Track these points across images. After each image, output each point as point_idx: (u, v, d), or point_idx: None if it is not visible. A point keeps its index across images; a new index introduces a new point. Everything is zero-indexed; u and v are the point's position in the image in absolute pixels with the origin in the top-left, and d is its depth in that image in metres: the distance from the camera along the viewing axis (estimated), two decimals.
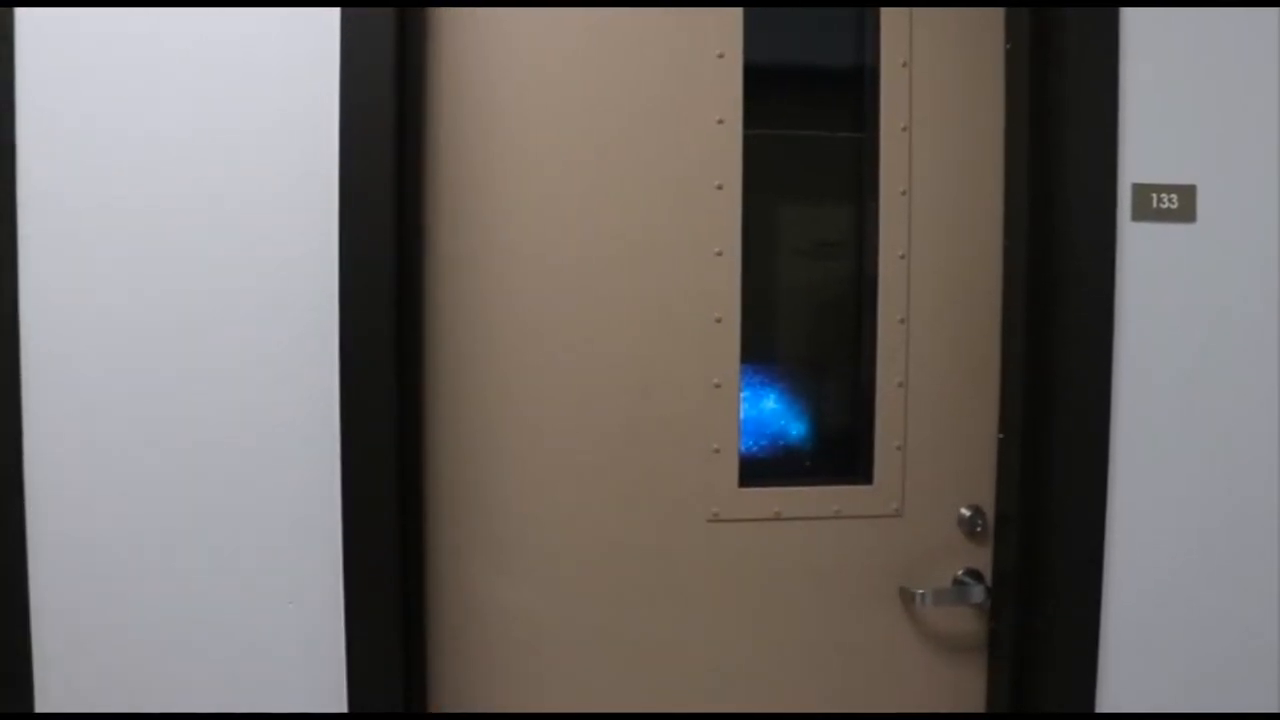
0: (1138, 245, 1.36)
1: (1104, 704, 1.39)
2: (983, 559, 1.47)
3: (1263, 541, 1.42)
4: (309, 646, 1.26)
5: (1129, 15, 1.34)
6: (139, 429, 1.22)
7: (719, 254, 1.40)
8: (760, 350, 1.44)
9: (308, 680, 1.26)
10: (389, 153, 1.24)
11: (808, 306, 1.47)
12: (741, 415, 1.42)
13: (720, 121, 1.39)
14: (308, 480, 1.25)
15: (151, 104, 1.21)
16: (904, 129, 1.42)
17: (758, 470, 1.43)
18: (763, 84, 1.40)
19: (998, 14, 1.43)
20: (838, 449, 1.49)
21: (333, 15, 1.23)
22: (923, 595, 1.41)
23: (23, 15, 1.19)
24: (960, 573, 1.46)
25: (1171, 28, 1.36)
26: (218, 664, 1.25)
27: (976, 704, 1.48)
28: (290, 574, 1.26)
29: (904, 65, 1.42)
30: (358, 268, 1.24)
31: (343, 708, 1.26)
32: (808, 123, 1.45)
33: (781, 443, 1.47)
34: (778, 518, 1.43)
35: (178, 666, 1.24)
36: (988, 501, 1.46)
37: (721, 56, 1.38)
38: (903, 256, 1.43)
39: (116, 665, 1.23)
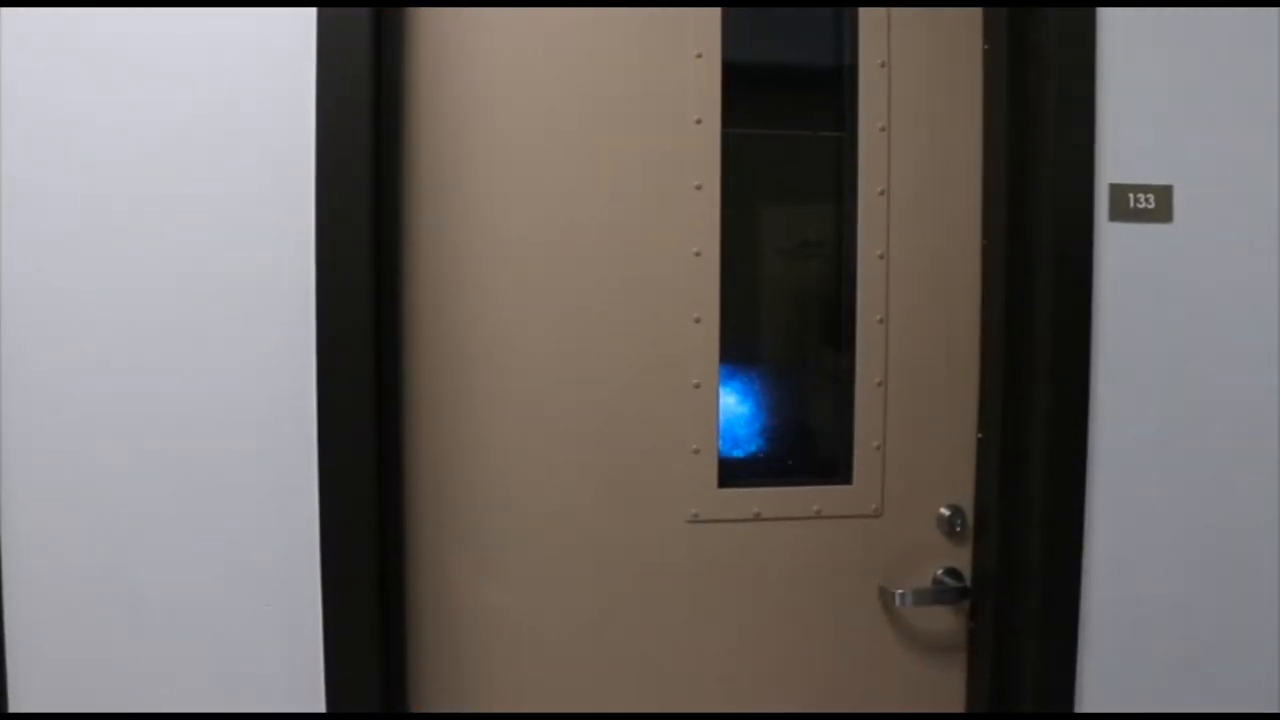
0: (1115, 245, 1.37)
1: (1083, 702, 1.39)
2: (962, 558, 1.47)
3: (1244, 540, 1.43)
4: (287, 646, 1.26)
5: (1106, 15, 1.35)
6: (112, 428, 1.22)
7: (698, 254, 1.40)
8: (739, 350, 1.44)
9: (286, 680, 1.26)
10: (365, 152, 1.24)
11: (787, 306, 1.47)
12: (721, 416, 1.42)
13: (699, 121, 1.39)
14: (285, 480, 1.25)
15: (128, 105, 1.21)
16: (882, 129, 1.42)
17: (737, 471, 1.43)
18: (741, 83, 1.40)
19: (975, 14, 1.43)
20: (817, 449, 1.49)
21: (309, 15, 1.23)
22: (902, 595, 1.42)
23: (5, 15, 1.18)
24: (940, 572, 1.46)
25: (1149, 28, 1.36)
26: (195, 665, 1.25)
27: (956, 703, 1.48)
28: (268, 574, 1.25)
29: (882, 65, 1.42)
30: (334, 267, 1.24)
31: (321, 707, 1.26)
32: (786, 122, 1.45)
33: (761, 443, 1.47)
34: (757, 518, 1.43)
35: (155, 667, 1.24)
36: (967, 501, 1.47)
37: (700, 56, 1.39)
38: (881, 256, 1.43)
39: (92, 666, 1.23)
